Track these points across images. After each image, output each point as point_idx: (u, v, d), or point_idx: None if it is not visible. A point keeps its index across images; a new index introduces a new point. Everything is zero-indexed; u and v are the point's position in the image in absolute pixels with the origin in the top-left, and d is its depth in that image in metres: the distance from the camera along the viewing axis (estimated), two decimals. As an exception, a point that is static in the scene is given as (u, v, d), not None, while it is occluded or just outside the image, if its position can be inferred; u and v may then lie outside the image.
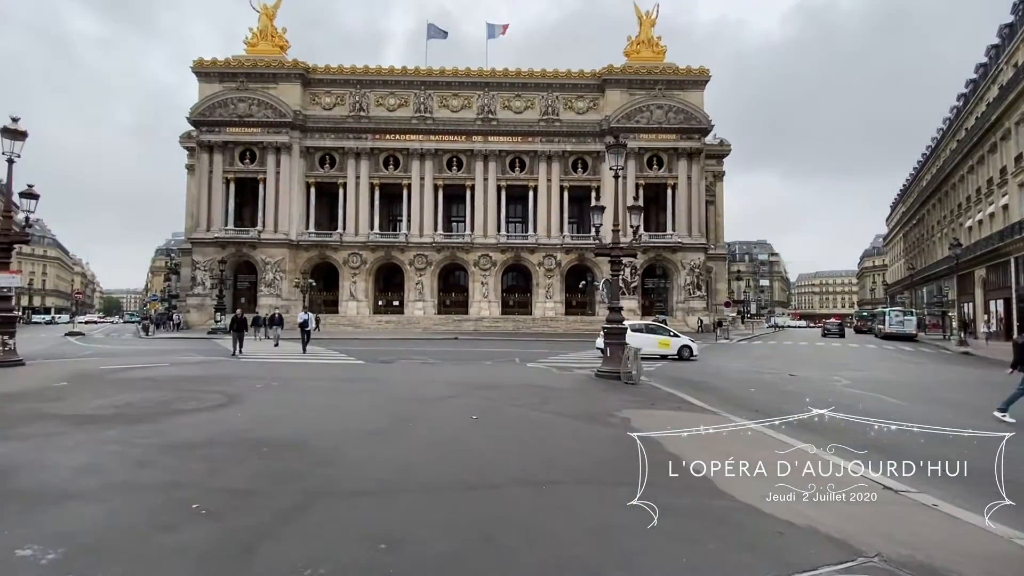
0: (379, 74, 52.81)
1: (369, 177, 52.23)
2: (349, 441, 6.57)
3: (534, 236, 52.41)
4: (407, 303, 51.62)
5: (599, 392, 11.21)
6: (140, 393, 9.89)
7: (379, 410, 8.81)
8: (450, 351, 23.73)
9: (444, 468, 5.35)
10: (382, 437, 6.83)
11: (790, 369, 18.34)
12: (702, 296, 51.40)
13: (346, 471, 5.25)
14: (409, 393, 10.42)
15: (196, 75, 50.99)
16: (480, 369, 15.86)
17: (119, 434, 6.76)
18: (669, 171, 52.15)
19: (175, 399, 9.30)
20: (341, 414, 8.64)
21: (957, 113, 48.49)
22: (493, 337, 37.53)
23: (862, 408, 10.67)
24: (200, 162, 50.56)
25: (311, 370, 15.08)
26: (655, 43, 54.74)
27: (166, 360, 17.17)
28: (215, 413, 8.20)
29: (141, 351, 23.80)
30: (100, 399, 9.29)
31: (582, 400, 10.33)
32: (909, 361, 23.51)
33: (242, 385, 11.04)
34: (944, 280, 49.99)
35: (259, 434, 6.85)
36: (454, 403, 9.38)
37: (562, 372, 14.64)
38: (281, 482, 4.83)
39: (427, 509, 4.24)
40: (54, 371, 13.60)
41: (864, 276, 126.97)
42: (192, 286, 49.63)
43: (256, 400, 9.55)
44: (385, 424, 7.61)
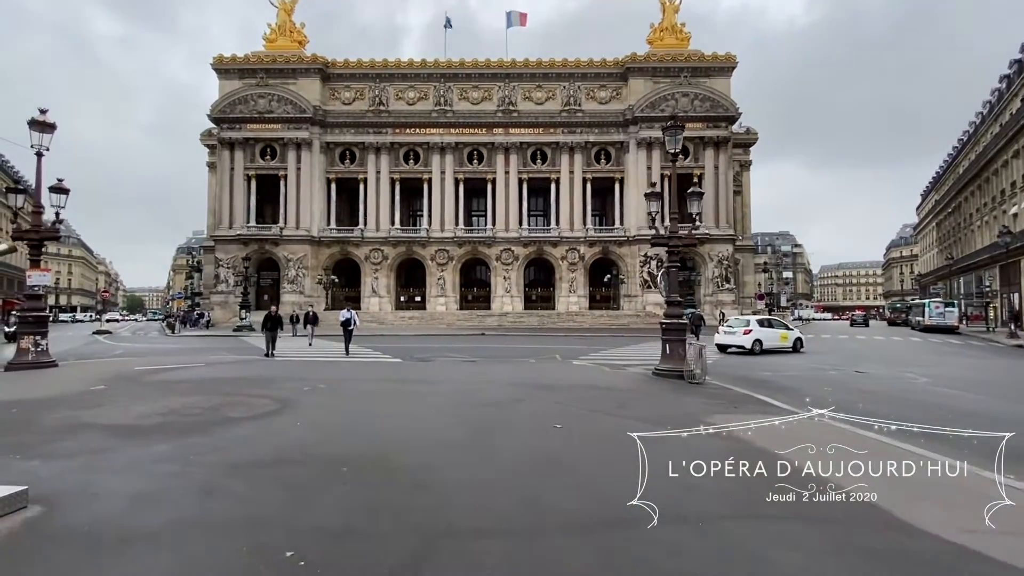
0: (398, 67, 52.05)
1: (389, 172, 51.61)
2: (435, 457, 5.76)
3: (557, 229, 51.44)
4: (429, 298, 50.97)
5: (669, 394, 10.31)
6: (183, 398, 9.22)
7: (449, 416, 8.02)
8: (485, 348, 22.96)
9: (567, 497, 4.50)
10: (469, 451, 6.03)
11: (850, 365, 17.28)
12: (731, 289, 50.13)
13: (453, 500, 4.44)
14: (471, 396, 9.63)
15: (216, 72, 50.66)
16: (529, 368, 15.00)
17: (172, 450, 6.03)
18: (696, 160, 50.77)
19: (222, 405, 8.60)
20: (409, 422, 7.85)
21: (999, 96, 46.50)
22: (520, 333, 36.74)
23: (964, 408, 9.75)
24: (221, 159, 50.30)
25: (354, 370, 14.36)
26: (679, 30, 53.28)
27: (199, 360, 16.60)
28: (270, 422, 7.47)
29: (171, 350, 23.38)
30: (143, 405, 8.64)
31: (658, 404, 9.44)
32: (969, 355, 22.21)
33: (288, 388, 10.32)
34: (985, 270, 48.19)
35: (330, 449, 6.09)
36: (526, 408, 8.56)
37: (616, 371, 13.74)
38: (381, 517, 4.04)
39: (587, 560, 3.41)
40: (89, 372, 13.04)
41: (891, 267, 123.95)
42: (215, 283, 49.47)
43: (309, 406, 8.81)
44: (463, 435, 6.82)
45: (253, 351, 21.10)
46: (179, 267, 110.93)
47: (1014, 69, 42.95)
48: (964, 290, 53.98)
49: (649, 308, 48.84)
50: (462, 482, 4.88)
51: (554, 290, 52.77)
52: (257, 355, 19.01)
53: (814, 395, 10.50)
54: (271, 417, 7.66)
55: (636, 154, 50.69)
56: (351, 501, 4.40)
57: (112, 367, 14.50)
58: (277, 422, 7.40)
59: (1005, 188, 42.10)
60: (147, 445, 6.20)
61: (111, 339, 32.52)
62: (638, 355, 20.02)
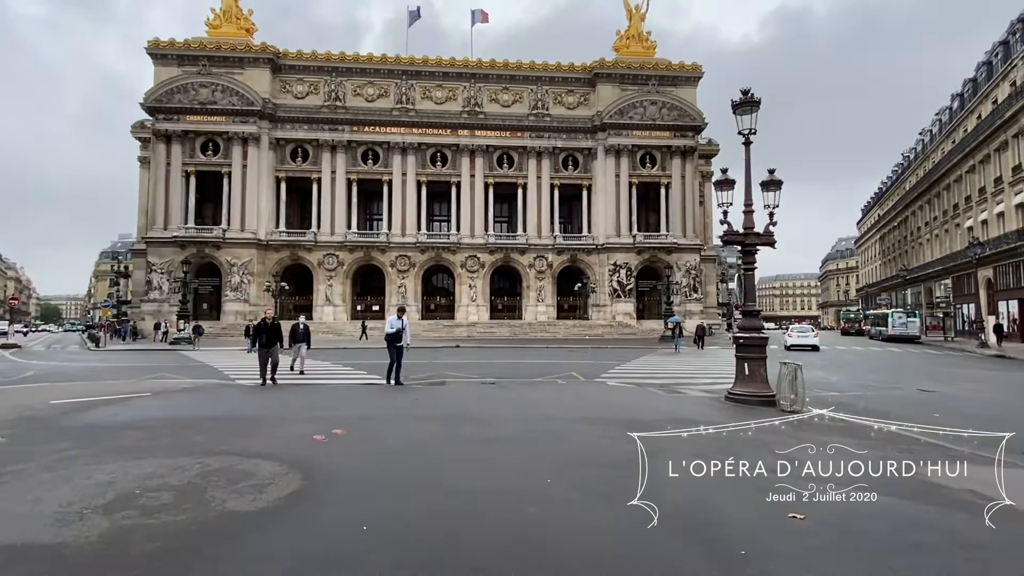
0: (356, 61, 48.89)
1: (346, 172, 48.22)
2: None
3: (524, 236, 49.52)
4: (388, 307, 47.63)
5: (797, 431, 7.94)
6: (135, 463, 5.86)
7: (572, 493, 5.13)
8: (481, 364, 20.41)
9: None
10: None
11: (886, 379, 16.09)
12: (699, 299, 49.68)
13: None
14: (557, 449, 6.83)
15: (151, 57, 45.86)
16: (568, 393, 12.49)
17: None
18: (663, 169, 50.33)
19: (204, 479, 5.35)
20: (514, 512, 4.68)
21: (950, 115, 48.49)
22: (496, 344, 34.38)
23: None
24: (156, 153, 45.39)
25: (363, 401, 10.82)
26: (645, 38, 52.90)
27: (141, 386, 13.27)
28: (300, 518, 4.44)
29: (98, 370, 19.55)
30: (66, 485, 5.17)
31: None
32: (965, 367, 21.70)
33: (293, 437, 7.22)
34: (935, 281, 49.93)
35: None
36: (660, 467, 5.75)
37: (673, 396, 11.46)
38: None
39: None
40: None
41: (827, 279, 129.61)
42: (147, 291, 44.39)
43: (342, 475, 5.66)
44: (660, 543, 4.01)
45: (204, 371, 17.72)
46: (102, 273, 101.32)
47: (967, 88, 44.77)
48: (912, 300, 55.88)
49: (619, 318, 47.65)
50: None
51: (520, 299, 50.73)
52: (213, 377, 15.73)
53: (949, 424, 8.75)
54: (296, 506, 4.70)
55: (604, 161, 49.62)
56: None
57: (17, 400, 10.70)
58: (311, 516, 4.46)
59: (959, 202, 43.55)
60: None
61: (19, 355, 27.71)
62: (658, 371, 18.22)
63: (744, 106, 10.06)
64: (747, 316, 10.23)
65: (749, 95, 10.04)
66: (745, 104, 10.03)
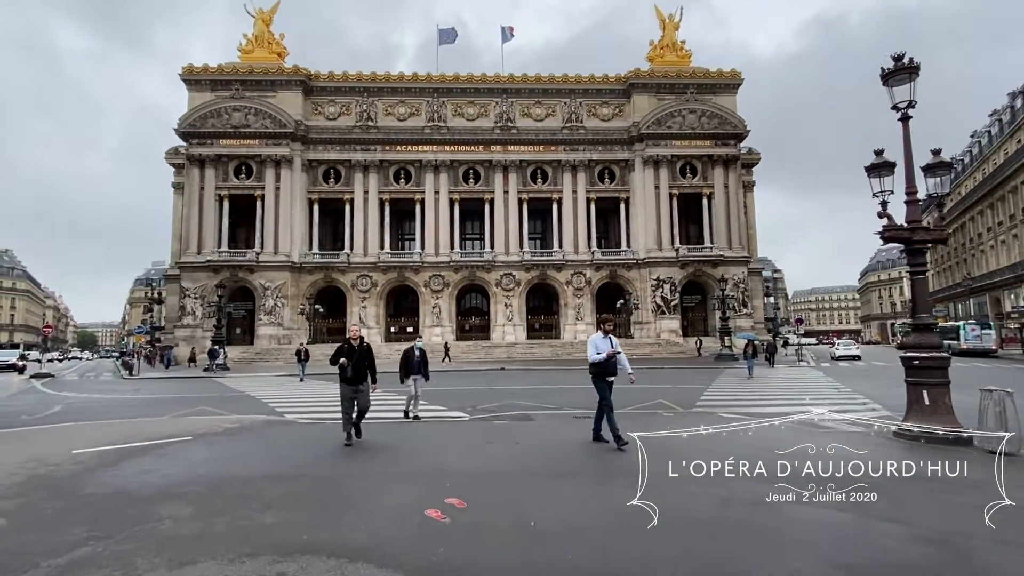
0: (387, 81, 48.37)
1: (378, 192, 47.37)
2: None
3: (560, 252, 47.81)
4: (423, 328, 46.18)
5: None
6: (179, 574, 3.92)
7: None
8: (544, 390, 18.39)
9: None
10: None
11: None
12: (748, 314, 47.11)
13: None
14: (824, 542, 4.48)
15: (186, 83, 46.00)
16: (713, 434, 10.78)
17: None
18: (704, 179, 48.30)
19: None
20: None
21: (1012, 114, 45.61)
22: (543, 367, 32.25)
23: None
24: (190, 178, 45.21)
25: (461, 446, 8.70)
26: (679, 47, 51.46)
27: (180, 425, 11.74)
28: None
29: (130, 402, 18.23)
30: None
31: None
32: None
33: (396, 514, 5.26)
34: (1004, 290, 46.58)
35: None
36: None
37: (825, 435, 9.56)
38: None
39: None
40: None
41: (869, 291, 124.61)
42: (180, 316, 43.78)
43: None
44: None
45: (247, 404, 16.15)
46: (136, 300, 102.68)
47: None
48: (975, 312, 52.33)
49: (664, 335, 45.35)
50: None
51: (558, 317, 48.86)
52: (260, 412, 14.10)
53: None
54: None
55: (643, 172, 47.86)
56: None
57: (34, 448, 8.85)
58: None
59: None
60: None
61: (51, 386, 26.76)
62: (755, 397, 15.93)
63: (899, 74, 8.24)
64: (919, 331, 8.18)
65: (905, 60, 8.22)
66: (901, 71, 8.22)
